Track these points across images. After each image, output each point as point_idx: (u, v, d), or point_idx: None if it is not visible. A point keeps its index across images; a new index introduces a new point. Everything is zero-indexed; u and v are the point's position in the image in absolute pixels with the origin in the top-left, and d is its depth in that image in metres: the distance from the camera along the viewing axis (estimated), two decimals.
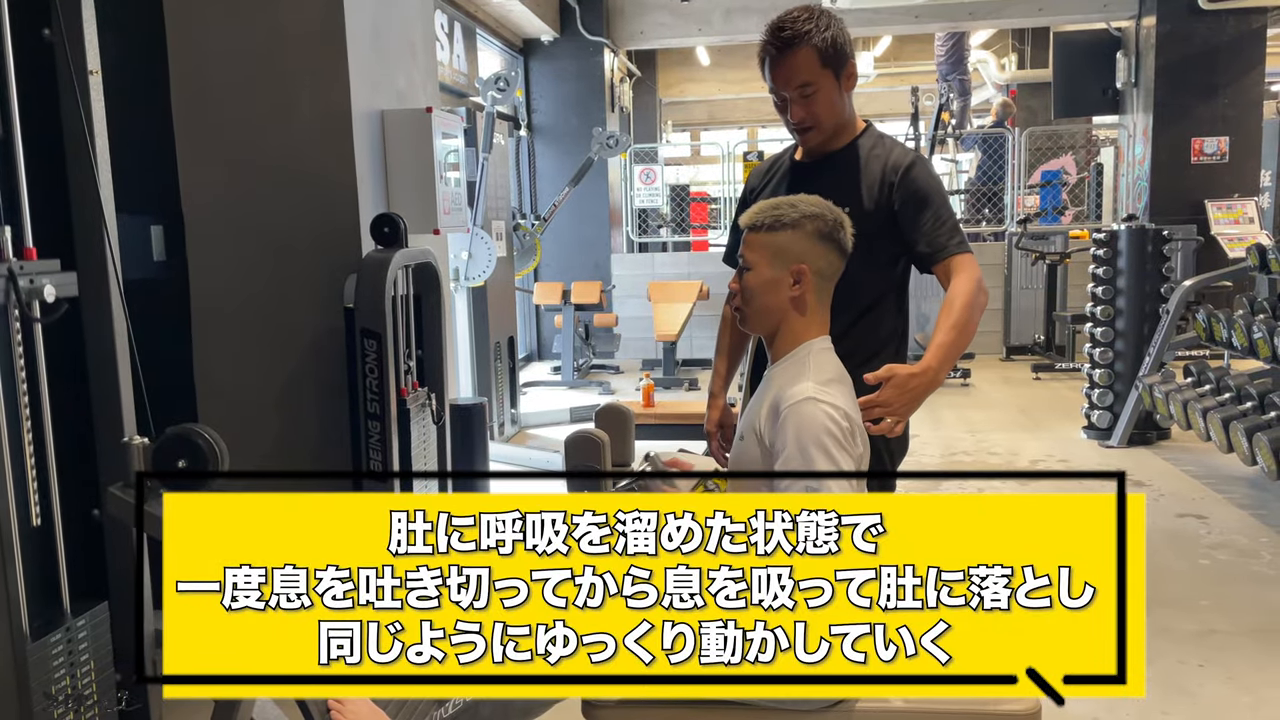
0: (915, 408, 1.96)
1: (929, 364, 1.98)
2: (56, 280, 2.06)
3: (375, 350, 3.06)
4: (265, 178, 3.36)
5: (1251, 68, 9.05)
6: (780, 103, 2.22)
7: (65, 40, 2.15)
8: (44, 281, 2.02)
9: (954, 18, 9.65)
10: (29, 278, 2.00)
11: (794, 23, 2.13)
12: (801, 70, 2.14)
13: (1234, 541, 4.13)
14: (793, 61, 2.14)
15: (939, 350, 2.02)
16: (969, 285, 2.10)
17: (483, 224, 5.87)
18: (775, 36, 2.14)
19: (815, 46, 2.13)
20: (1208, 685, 2.93)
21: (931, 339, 2.05)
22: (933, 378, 1.97)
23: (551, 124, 9.77)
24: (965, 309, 2.07)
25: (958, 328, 2.05)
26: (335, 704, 1.89)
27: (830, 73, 2.16)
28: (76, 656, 2.11)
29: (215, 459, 2.10)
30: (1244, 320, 4.67)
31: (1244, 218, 8.76)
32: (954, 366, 2.06)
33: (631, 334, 9.29)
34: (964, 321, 2.06)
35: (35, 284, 2.00)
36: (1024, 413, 6.77)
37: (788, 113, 2.21)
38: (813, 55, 2.13)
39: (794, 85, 2.16)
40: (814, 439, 1.77)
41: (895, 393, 1.91)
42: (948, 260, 2.15)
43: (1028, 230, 8.82)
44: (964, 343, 2.07)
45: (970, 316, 2.07)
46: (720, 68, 14.84)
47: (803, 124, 2.20)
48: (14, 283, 1.96)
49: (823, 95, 2.16)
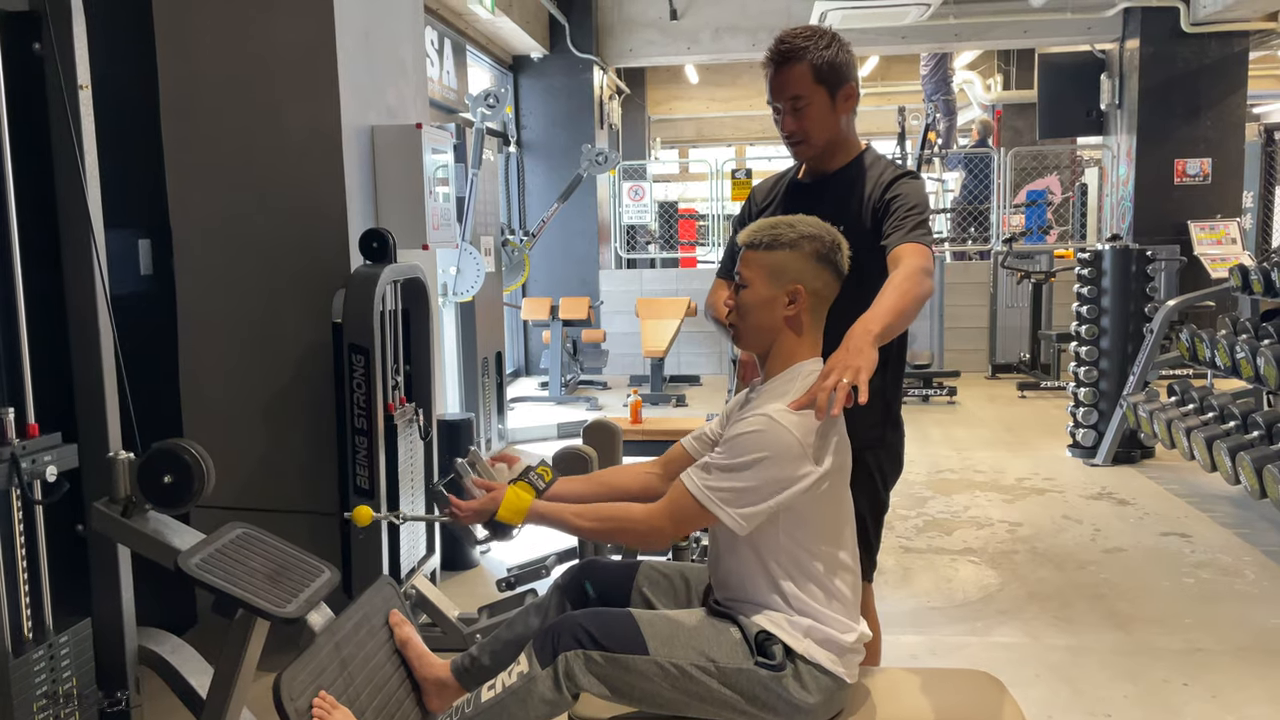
0: (862, 358, 1.77)
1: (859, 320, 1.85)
2: (58, 455, 2.06)
3: (363, 365, 3.05)
4: (254, 192, 3.36)
5: (1233, 90, 9.16)
6: (777, 116, 2.30)
7: (55, 54, 2.15)
8: (46, 461, 2.03)
9: (940, 39, 9.74)
10: (31, 458, 1.99)
11: (794, 38, 2.22)
12: (794, 83, 2.22)
13: (1218, 560, 4.15)
14: (787, 74, 2.22)
15: (872, 310, 1.88)
16: (912, 264, 2.02)
17: (471, 239, 5.88)
18: (775, 49, 2.24)
19: (811, 63, 2.20)
20: (1192, 704, 2.94)
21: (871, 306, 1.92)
22: (862, 328, 1.82)
23: (541, 140, 9.80)
24: (905, 281, 1.96)
25: (899, 293, 1.93)
26: (320, 707, 1.88)
27: (824, 90, 2.22)
28: (59, 673, 2.08)
29: (201, 475, 2.10)
30: (1227, 340, 4.71)
31: (1226, 238, 8.85)
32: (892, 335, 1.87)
33: (619, 350, 9.30)
34: (905, 290, 1.94)
35: (37, 465, 2.00)
36: (1009, 431, 6.79)
37: (781, 126, 2.29)
38: (807, 71, 2.21)
39: (785, 97, 2.24)
40: (753, 447, 1.81)
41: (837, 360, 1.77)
42: (897, 249, 2.09)
43: (1013, 249, 8.88)
44: (903, 308, 1.92)
45: (911, 290, 1.95)
46: (709, 86, 14.92)
47: (793, 136, 2.28)
48: (16, 466, 1.96)
49: (813, 110, 2.23)
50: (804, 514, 1.87)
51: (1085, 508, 4.94)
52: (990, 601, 3.76)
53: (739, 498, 1.83)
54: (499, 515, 2.02)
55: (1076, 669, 3.18)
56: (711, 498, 1.84)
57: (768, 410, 1.84)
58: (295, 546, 2.21)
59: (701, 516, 1.86)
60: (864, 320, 1.87)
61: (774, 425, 1.81)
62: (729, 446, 1.86)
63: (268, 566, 2.10)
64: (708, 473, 1.86)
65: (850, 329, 1.85)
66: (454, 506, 2.08)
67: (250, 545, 2.14)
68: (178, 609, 3.31)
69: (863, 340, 1.81)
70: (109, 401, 2.27)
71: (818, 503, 1.87)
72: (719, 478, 1.84)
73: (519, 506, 2.01)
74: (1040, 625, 3.53)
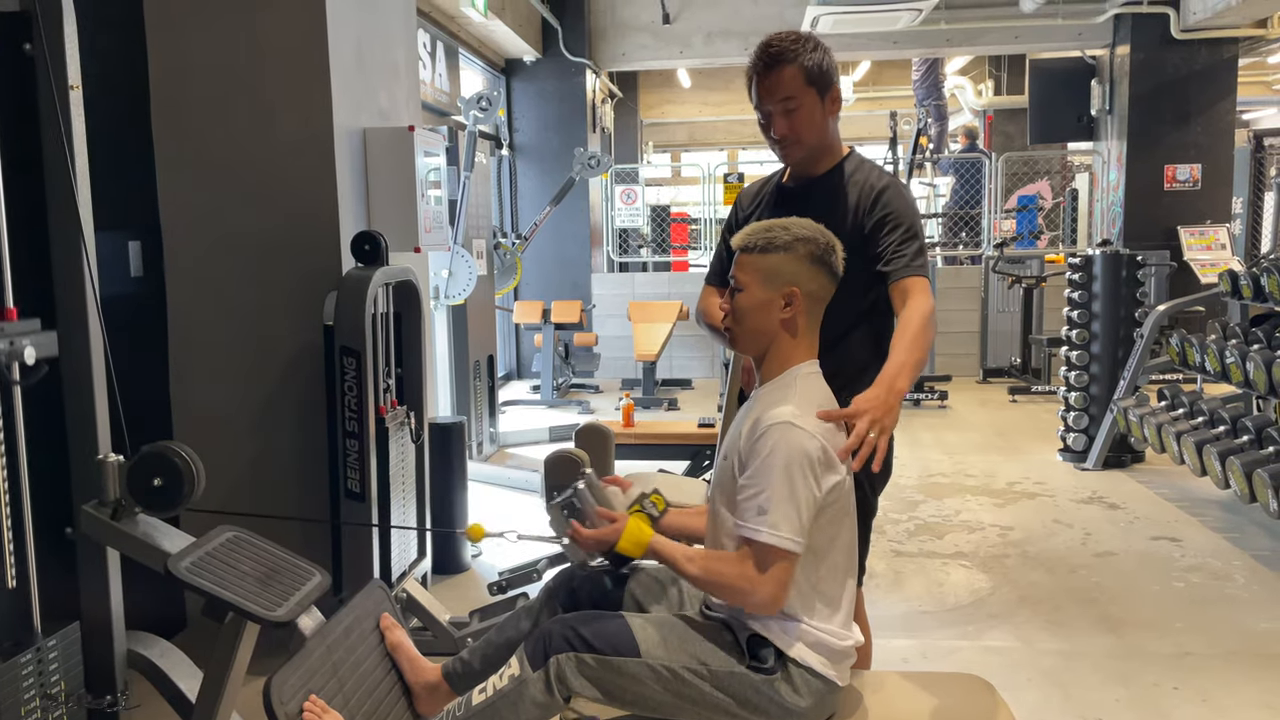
0: (892, 417, 1.86)
1: (886, 374, 1.93)
2: (37, 341, 2.05)
3: (354, 368, 3.04)
4: (245, 194, 3.35)
5: (1223, 96, 9.22)
6: (764, 120, 2.29)
7: (46, 54, 2.14)
8: (24, 344, 2.01)
9: (932, 44, 9.77)
10: (9, 340, 1.98)
11: (782, 41, 2.24)
12: (785, 85, 2.23)
13: (1208, 564, 4.17)
14: (778, 77, 2.23)
15: (896, 365, 1.96)
16: (924, 308, 2.10)
17: (463, 242, 5.87)
18: (764, 53, 2.24)
19: (801, 65, 2.22)
20: (1182, 708, 2.94)
21: (889, 356, 2.01)
22: (890, 385, 1.90)
23: (533, 143, 9.79)
24: (920, 331, 2.06)
25: (916, 346, 2.03)
26: (310, 711, 1.87)
27: (814, 91, 2.24)
28: (47, 677, 2.07)
29: (191, 477, 2.09)
30: (1216, 345, 4.73)
31: (1216, 243, 8.90)
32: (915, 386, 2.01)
33: (611, 353, 9.30)
34: (921, 343, 2.04)
35: (15, 346, 1.99)
36: (1000, 435, 6.81)
37: (771, 129, 2.28)
38: (798, 73, 2.22)
39: (777, 99, 2.24)
40: (782, 461, 1.78)
41: (869, 411, 1.83)
42: (903, 280, 2.16)
43: (1004, 254, 8.91)
44: (921, 362, 2.03)
45: (926, 338, 2.06)
46: (701, 90, 14.94)
47: (785, 139, 2.28)
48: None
49: (804, 112, 2.25)
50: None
51: (1076, 512, 4.95)
52: (981, 605, 3.76)
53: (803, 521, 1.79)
54: (619, 546, 1.97)
55: (1068, 673, 3.18)
56: (790, 538, 1.78)
57: (783, 417, 1.81)
58: (286, 550, 2.20)
59: (793, 561, 1.81)
60: (892, 377, 1.92)
61: (792, 430, 1.80)
62: (760, 471, 1.81)
63: (258, 570, 2.09)
64: (763, 515, 1.79)
65: (881, 377, 1.91)
66: (575, 531, 2.04)
67: (241, 549, 2.13)
68: (167, 612, 3.29)
69: (895, 398, 1.87)
70: (98, 404, 2.26)
71: (833, 513, 1.87)
72: (777, 511, 1.78)
73: (640, 540, 1.96)
74: (1031, 629, 3.53)
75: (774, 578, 1.80)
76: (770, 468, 1.79)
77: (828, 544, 1.88)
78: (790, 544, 1.78)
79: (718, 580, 1.85)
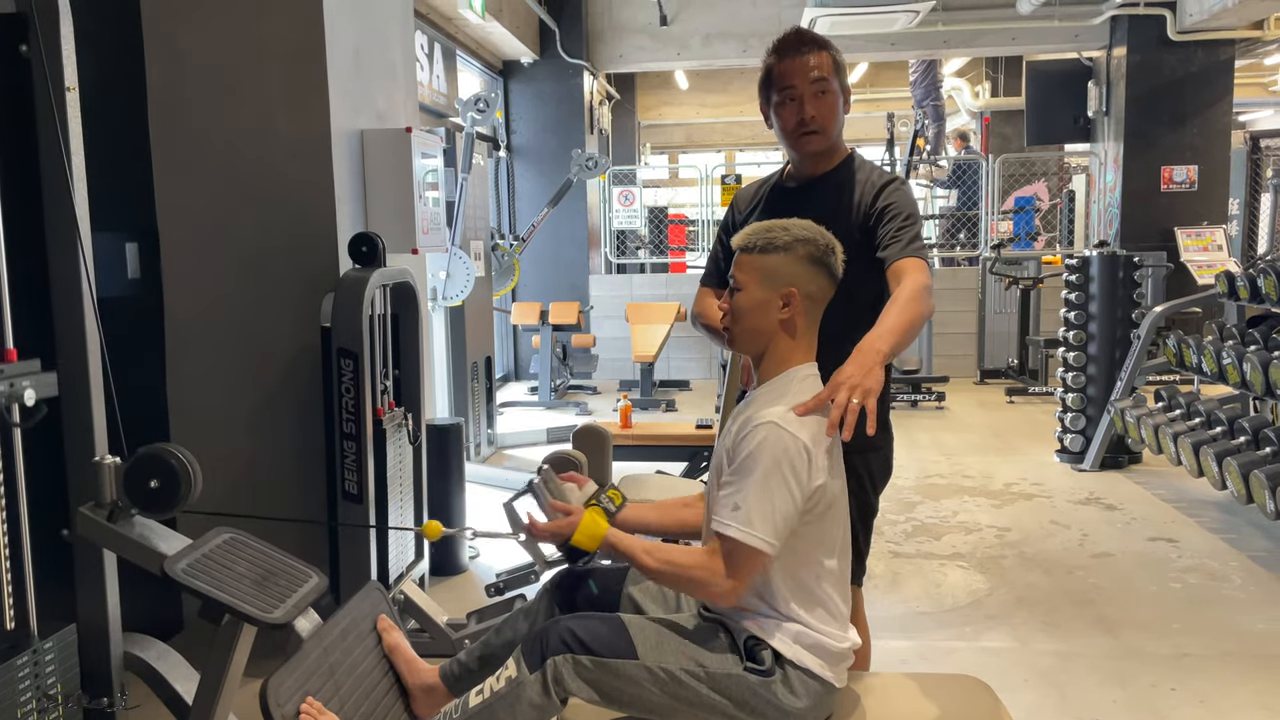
0: (872, 379, 1.78)
1: (866, 339, 1.86)
2: (37, 382, 2.05)
3: (352, 370, 3.04)
4: (243, 196, 3.35)
5: (1219, 98, 9.23)
6: (786, 103, 2.26)
7: (43, 56, 2.14)
8: (25, 385, 2.01)
9: (929, 46, 9.78)
10: (9, 381, 1.98)
11: (811, 32, 2.29)
12: (821, 67, 2.25)
13: (1205, 565, 4.17)
14: (814, 58, 2.25)
15: (878, 330, 1.90)
16: (918, 282, 2.06)
17: (461, 244, 5.87)
18: (795, 35, 2.28)
19: (832, 54, 2.27)
20: (1180, 709, 2.95)
21: (876, 323, 1.95)
22: (869, 348, 1.83)
23: (530, 145, 9.80)
24: (910, 299, 2.00)
25: (905, 311, 1.97)
26: (307, 713, 1.87)
27: (839, 82, 2.29)
28: (44, 679, 2.07)
29: (188, 479, 2.08)
30: (1213, 346, 4.74)
31: (1213, 245, 8.91)
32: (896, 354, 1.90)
33: (609, 355, 9.30)
34: (910, 311, 1.97)
35: (15, 388, 1.99)
36: (998, 436, 6.81)
37: (797, 112, 2.25)
38: (829, 59, 2.27)
39: (810, 80, 2.24)
40: (764, 460, 1.78)
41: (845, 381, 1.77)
42: (899, 262, 2.13)
43: (1002, 255, 8.92)
44: (909, 327, 1.95)
45: (916, 308, 1.99)
46: (699, 91, 14.94)
47: (811, 122, 2.26)
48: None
49: (831, 99, 2.27)
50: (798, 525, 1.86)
51: (1073, 513, 4.96)
52: (979, 606, 3.76)
53: (777, 522, 1.78)
54: (575, 539, 1.97)
55: (1065, 674, 3.19)
56: (763, 538, 1.77)
57: (771, 418, 1.81)
58: (283, 552, 2.20)
59: (760, 559, 1.80)
60: (871, 338, 1.86)
61: (779, 432, 1.79)
62: (742, 468, 1.81)
63: (255, 572, 2.08)
64: (737, 510, 1.78)
65: (859, 345, 1.85)
66: (530, 525, 2.06)
67: (237, 550, 2.13)
68: (164, 614, 3.29)
69: (873, 359, 1.81)
70: (95, 405, 2.26)
71: (815, 516, 1.87)
72: (751, 509, 1.77)
73: (595, 533, 1.96)
74: (1029, 630, 3.53)
75: (736, 572, 1.80)
76: (751, 466, 1.79)
77: (821, 546, 1.88)
78: (760, 542, 1.77)
79: (676, 572, 1.86)
